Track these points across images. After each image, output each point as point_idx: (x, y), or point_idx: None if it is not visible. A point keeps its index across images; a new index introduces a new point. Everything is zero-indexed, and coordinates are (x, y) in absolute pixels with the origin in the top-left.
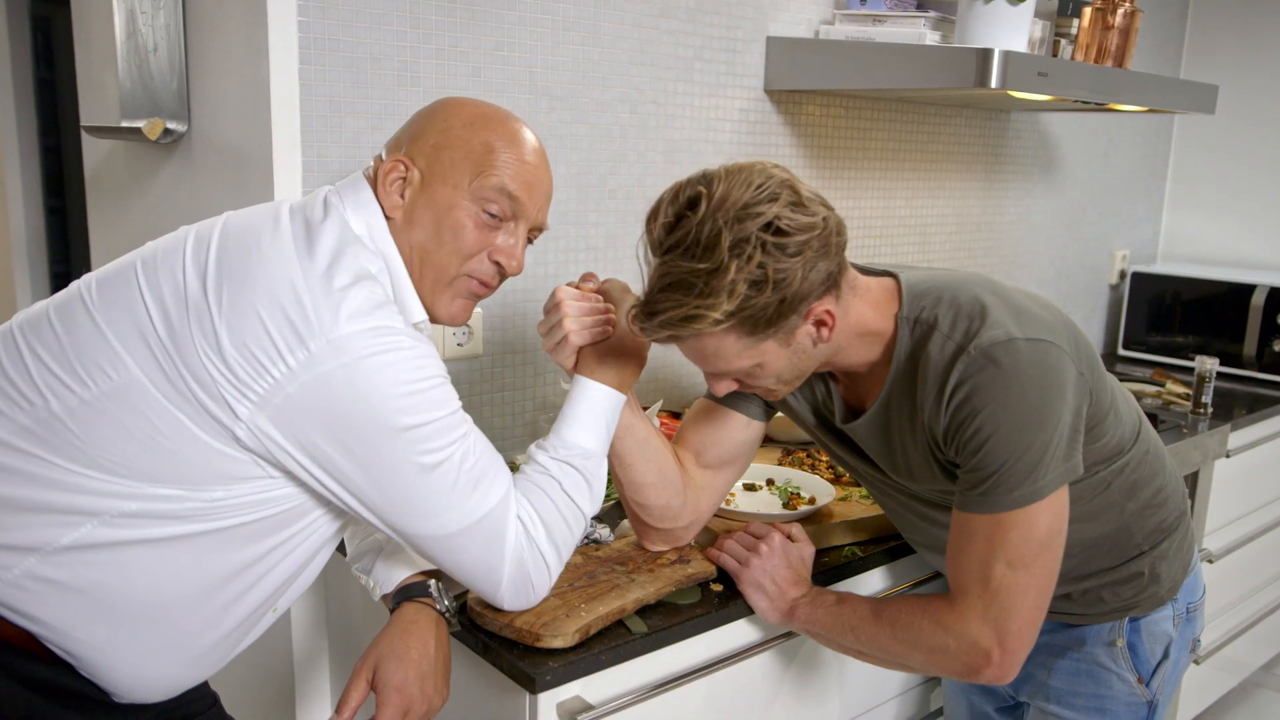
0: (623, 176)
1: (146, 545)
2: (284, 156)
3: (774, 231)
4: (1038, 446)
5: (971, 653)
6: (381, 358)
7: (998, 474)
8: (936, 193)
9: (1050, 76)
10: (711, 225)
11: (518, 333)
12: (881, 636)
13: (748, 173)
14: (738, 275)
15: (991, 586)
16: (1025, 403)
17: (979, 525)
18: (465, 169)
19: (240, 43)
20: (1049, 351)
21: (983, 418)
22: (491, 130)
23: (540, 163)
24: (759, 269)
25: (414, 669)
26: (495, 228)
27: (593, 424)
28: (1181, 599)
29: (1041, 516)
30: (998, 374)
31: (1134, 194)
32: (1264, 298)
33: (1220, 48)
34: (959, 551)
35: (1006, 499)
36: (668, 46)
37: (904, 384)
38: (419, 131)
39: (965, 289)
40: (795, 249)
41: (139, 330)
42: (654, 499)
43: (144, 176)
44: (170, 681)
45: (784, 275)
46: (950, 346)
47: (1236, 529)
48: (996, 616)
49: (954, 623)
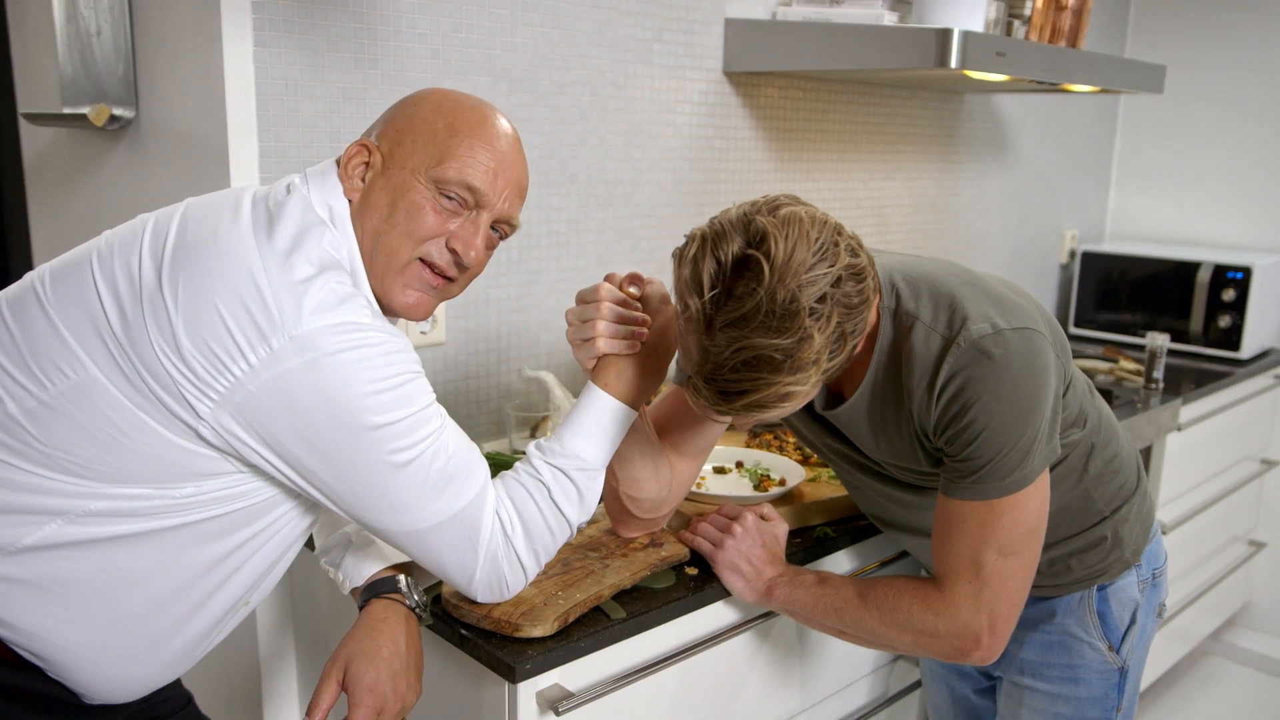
0: (584, 160)
1: (115, 543)
2: (240, 142)
3: (843, 286)
4: (1029, 435)
5: (962, 637)
6: (348, 354)
7: (991, 464)
8: (893, 174)
9: (1008, 57)
10: (785, 293)
11: (481, 320)
12: (868, 619)
13: (800, 225)
14: (822, 343)
15: (984, 573)
16: (1017, 394)
17: (970, 512)
18: (426, 153)
19: (191, 25)
20: (1034, 340)
21: (977, 410)
22: (458, 116)
23: (510, 152)
24: (837, 328)
25: (386, 668)
26: (454, 214)
27: (598, 435)
28: (1146, 564)
29: (1031, 501)
30: (991, 367)
31: (1082, 174)
32: (1209, 275)
33: (1163, 28)
34: (948, 537)
35: (998, 486)
36: (627, 28)
37: (888, 373)
38: (390, 118)
39: (942, 279)
40: (861, 297)
41: (94, 325)
42: (647, 492)
43: (89, 165)
44: (142, 681)
45: (855, 328)
46: (936, 338)
47: (1188, 500)
48: (988, 602)
49: (945, 608)
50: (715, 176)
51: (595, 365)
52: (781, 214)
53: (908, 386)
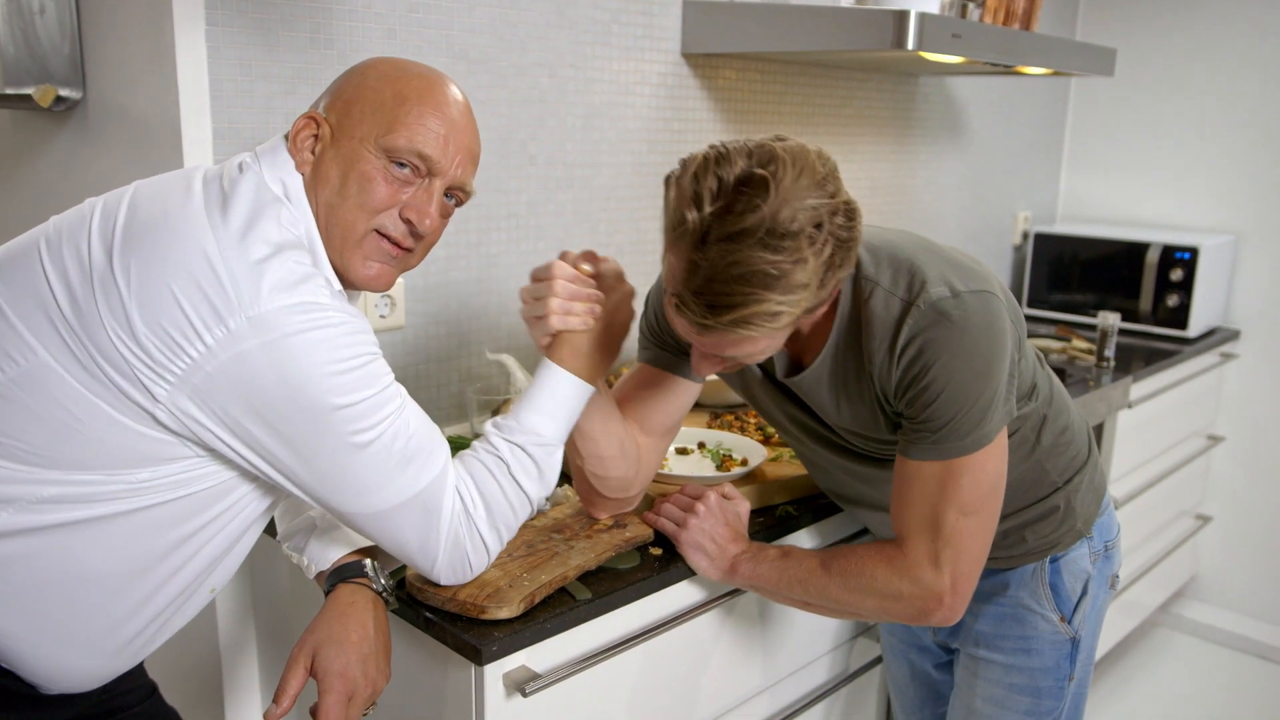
0: (543, 142)
1: (68, 529)
2: (192, 123)
3: (838, 219)
4: (987, 395)
5: (925, 597)
6: (307, 335)
7: (950, 424)
8: (850, 156)
9: (963, 38)
10: (788, 213)
11: (441, 303)
12: (832, 588)
13: (807, 155)
14: (815, 268)
15: (945, 533)
16: (975, 354)
17: (930, 472)
18: (375, 122)
19: (140, 3)
20: (991, 302)
21: (936, 370)
22: (405, 84)
23: (461, 118)
24: (828, 260)
25: (355, 652)
26: (407, 182)
27: (554, 411)
28: (1098, 536)
29: (989, 461)
30: (950, 328)
31: (1034, 157)
32: (1158, 255)
33: (1113, 12)
34: (907, 498)
35: (957, 446)
36: (585, 9)
37: (849, 338)
38: (338, 88)
39: (902, 246)
40: (850, 234)
41: (44, 311)
42: (613, 471)
43: (33, 148)
44: (98, 670)
45: (843, 261)
46: (896, 302)
47: (1138, 476)
48: (949, 561)
49: (907, 568)
50: (674, 158)
51: (550, 342)
52: (789, 144)
53: (868, 350)
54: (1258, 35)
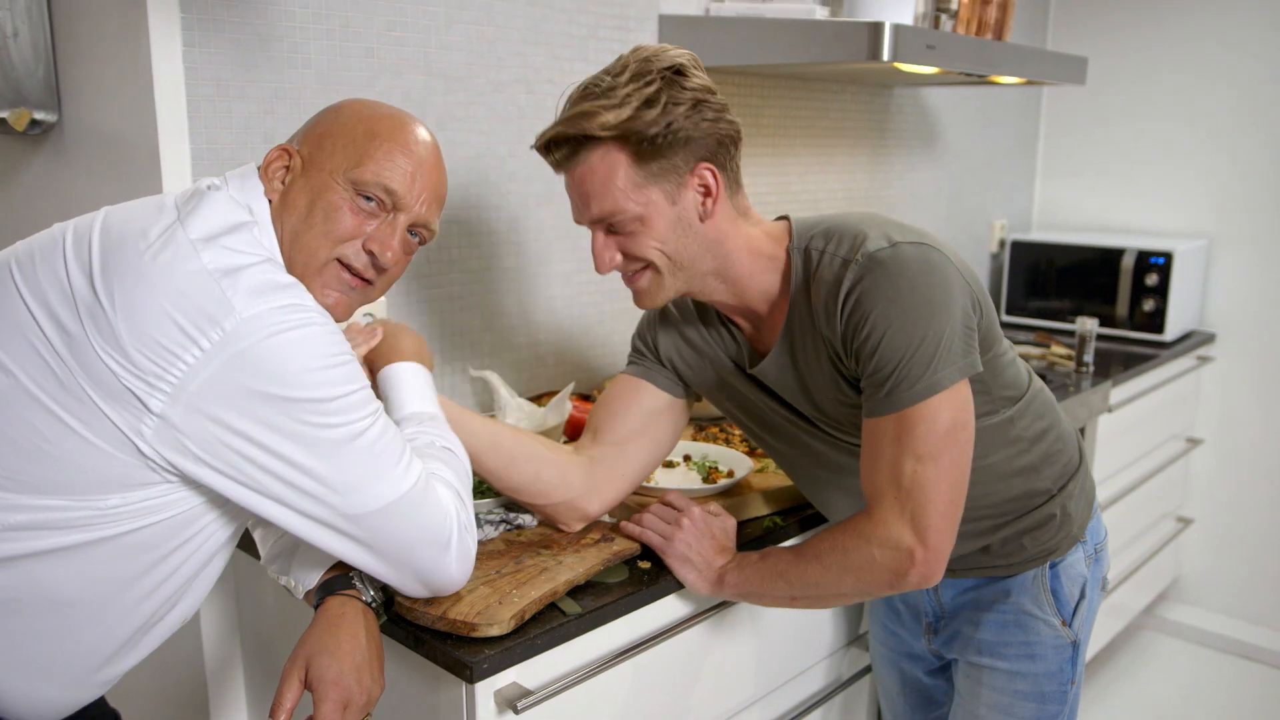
0: (522, 159)
1: (34, 560)
2: (171, 145)
3: (676, 72)
4: (931, 338)
5: (895, 555)
6: (297, 332)
7: (897, 370)
8: (826, 168)
9: (937, 49)
10: (621, 61)
11: (423, 321)
12: (810, 572)
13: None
14: (634, 91)
15: (904, 484)
16: (913, 295)
17: (886, 426)
18: (345, 155)
19: (116, 25)
20: (929, 252)
21: (875, 315)
22: (377, 122)
23: (428, 158)
24: (655, 93)
25: (349, 661)
26: (372, 215)
27: (411, 393)
28: (1089, 539)
29: (943, 410)
30: (884, 273)
31: (1009, 165)
32: (1133, 260)
33: (1083, 21)
34: (870, 460)
35: (908, 395)
36: (561, 25)
37: (802, 309)
38: (312, 125)
39: (852, 217)
40: (691, 97)
41: (23, 335)
42: (546, 499)
43: (7, 171)
44: (64, 700)
45: (676, 106)
46: (837, 261)
47: (1120, 479)
48: (913, 512)
49: (874, 530)
50: None
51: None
52: None
53: (816, 311)
54: (1226, 43)
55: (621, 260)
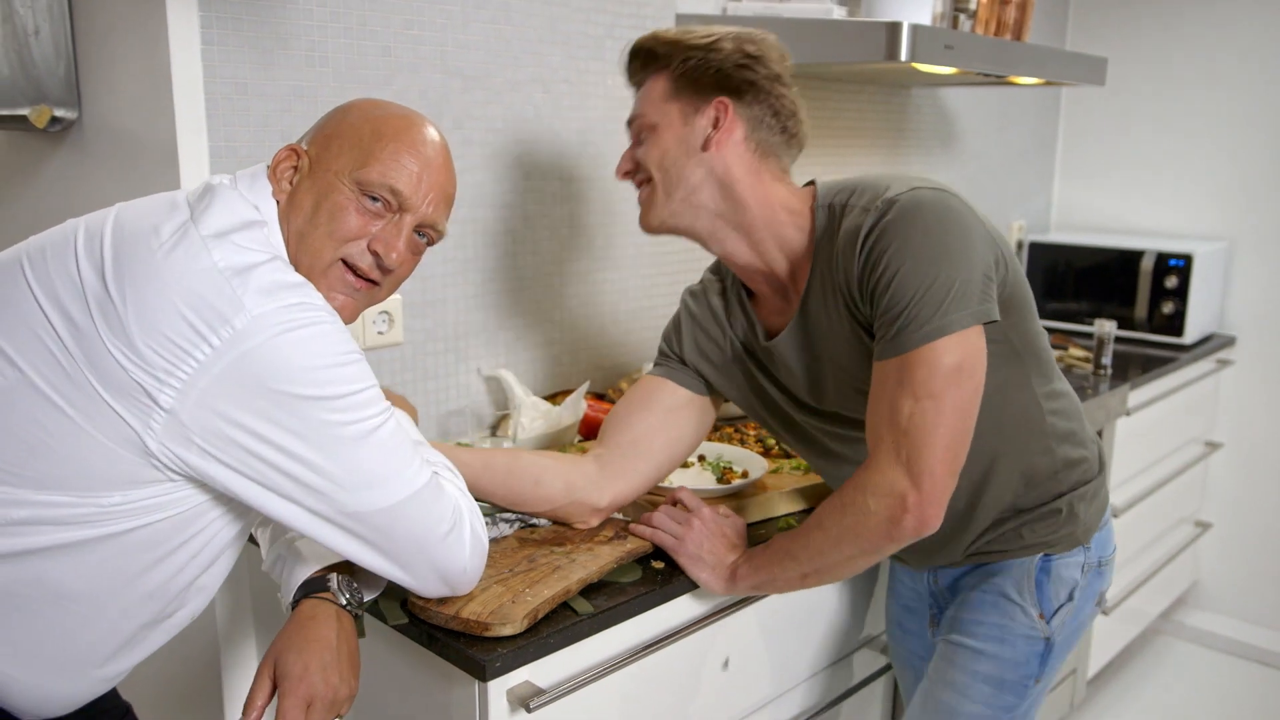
0: (538, 157)
1: (38, 556)
2: (189, 143)
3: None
4: (943, 280)
5: (889, 500)
6: (307, 330)
7: (907, 310)
8: (843, 168)
9: (955, 49)
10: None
11: (438, 320)
12: (814, 541)
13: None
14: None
15: (901, 425)
16: (928, 239)
17: (890, 369)
18: (352, 156)
19: (135, 24)
20: (948, 198)
21: (891, 253)
22: (384, 122)
23: (436, 158)
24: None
25: (315, 659)
26: (378, 216)
27: None
28: (1095, 549)
29: (949, 352)
30: (901, 215)
31: (1027, 166)
32: (1152, 263)
33: (1102, 21)
34: (873, 406)
35: (916, 336)
36: (578, 24)
37: (824, 264)
38: (321, 125)
39: (874, 175)
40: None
41: (32, 331)
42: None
43: (28, 168)
44: (69, 694)
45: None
46: (858, 210)
47: (1138, 483)
48: (909, 454)
49: (870, 477)
50: None
51: None
52: None
53: (836, 259)
54: (1247, 43)
55: (633, 168)
